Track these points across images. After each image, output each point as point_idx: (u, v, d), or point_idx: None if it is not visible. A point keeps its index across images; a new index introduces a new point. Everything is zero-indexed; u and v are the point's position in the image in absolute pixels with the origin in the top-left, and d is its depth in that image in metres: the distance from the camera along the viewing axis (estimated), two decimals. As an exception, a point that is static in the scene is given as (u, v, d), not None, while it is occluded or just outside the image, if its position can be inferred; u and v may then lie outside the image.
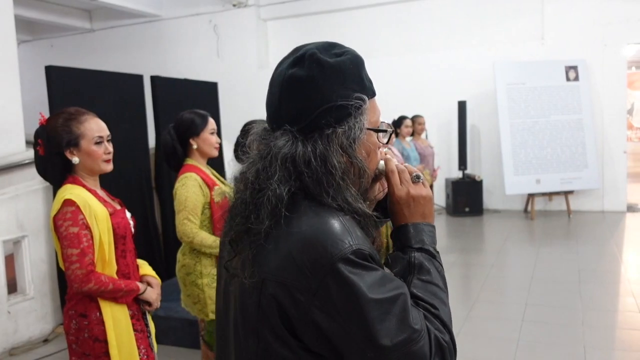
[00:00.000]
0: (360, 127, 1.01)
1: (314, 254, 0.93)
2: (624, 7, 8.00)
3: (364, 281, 0.92)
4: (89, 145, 2.06)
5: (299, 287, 0.93)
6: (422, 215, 1.10)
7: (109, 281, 2.00)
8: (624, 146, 8.39)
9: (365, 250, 0.95)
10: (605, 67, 8.18)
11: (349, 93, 1.00)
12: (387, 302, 0.93)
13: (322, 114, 0.99)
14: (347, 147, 1.00)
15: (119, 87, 4.69)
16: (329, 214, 0.97)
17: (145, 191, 4.87)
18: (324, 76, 0.99)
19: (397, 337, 0.92)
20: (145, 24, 10.27)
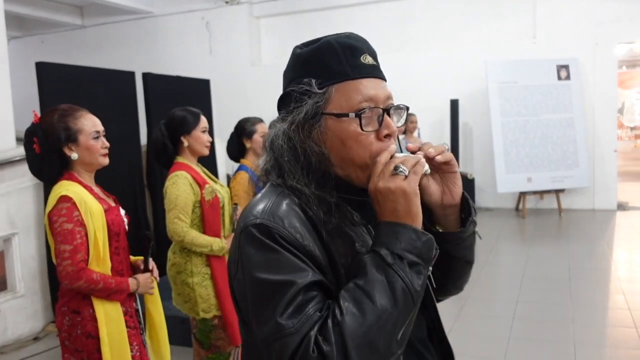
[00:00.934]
0: (305, 110, 1.01)
1: (237, 227, 1.01)
2: (616, 6, 8.05)
3: (254, 256, 0.92)
4: (87, 140, 2.06)
5: (232, 258, 1.01)
6: (393, 212, 0.95)
7: (100, 279, 2.00)
8: (615, 145, 8.45)
9: (271, 226, 0.93)
10: (596, 66, 8.23)
11: (301, 80, 1.03)
12: (270, 286, 0.90)
13: (278, 102, 1.08)
14: (289, 132, 1.02)
15: (110, 84, 4.66)
16: (268, 191, 1.03)
17: (137, 189, 4.85)
18: (289, 67, 1.08)
19: (265, 325, 0.89)
20: (138, 21, 10.22)
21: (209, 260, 2.65)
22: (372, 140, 1.01)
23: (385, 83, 1.07)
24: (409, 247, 0.92)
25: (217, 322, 2.68)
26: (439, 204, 1.08)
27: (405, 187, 0.94)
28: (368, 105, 1.01)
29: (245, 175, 3.16)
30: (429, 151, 1.02)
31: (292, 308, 0.88)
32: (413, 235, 0.94)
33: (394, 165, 0.96)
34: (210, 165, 5.27)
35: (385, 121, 1.02)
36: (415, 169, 0.97)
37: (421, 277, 0.93)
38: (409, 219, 0.94)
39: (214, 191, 2.67)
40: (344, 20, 9.31)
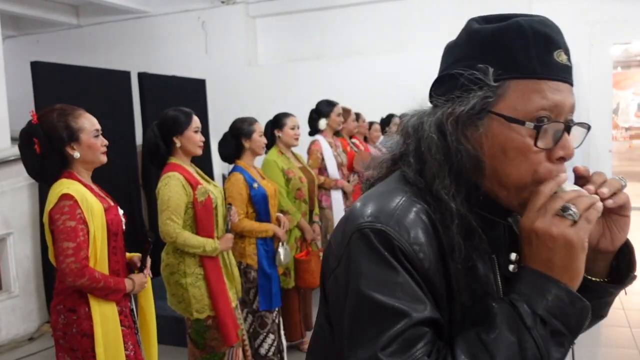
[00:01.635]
0: (471, 104, 0.82)
1: (349, 220, 0.83)
2: (611, 7, 8.08)
3: (366, 267, 0.77)
4: (89, 138, 2.08)
5: (334, 254, 0.86)
6: (547, 263, 0.76)
7: (101, 278, 2.01)
8: (610, 145, 8.49)
9: (394, 237, 0.77)
10: (591, 66, 8.25)
11: (473, 63, 0.83)
12: (378, 309, 0.74)
13: (435, 83, 0.89)
14: (445, 124, 0.83)
15: (106, 84, 4.66)
16: (396, 186, 0.85)
17: (132, 188, 4.85)
18: (459, 43, 0.88)
19: (361, 351, 0.75)
20: (133, 20, 10.20)
21: (202, 261, 2.65)
22: (542, 160, 0.81)
23: (573, 90, 0.86)
24: (557, 311, 0.74)
25: (211, 322, 2.68)
26: (592, 247, 0.84)
27: (572, 237, 0.75)
28: (548, 114, 0.81)
29: (240, 176, 3.16)
30: (602, 191, 0.81)
31: (398, 344, 0.73)
32: (566, 298, 0.75)
33: (561, 203, 0.77)
34: (206, 166, 5.28)
35: (563, 140, 0.82)
36: (589, 215, 0.76)
37: (561, 351, 0.75)
38: (566, 276, 0.75)
39: (207, 192, 2.66)
40: (340, 20, 9.32)
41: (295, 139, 3.74)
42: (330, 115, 4.30)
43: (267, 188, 3.24)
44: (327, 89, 7.66)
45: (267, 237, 3.23)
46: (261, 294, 3.23)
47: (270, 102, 8.33)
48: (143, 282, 2.20)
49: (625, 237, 0.86)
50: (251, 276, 3.21)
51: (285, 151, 3.74)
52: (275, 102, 8.07)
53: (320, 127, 4.29)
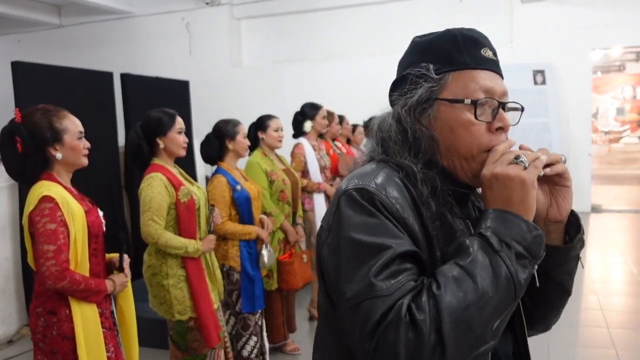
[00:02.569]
0: (419, 93, 1.00)
1: (336, 195, 0.99)
2: (590, 13, 8.21)
3: (352, 218, 0.91)
4: (72, 140, 2.07)
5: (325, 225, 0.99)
6: (506, 201, 0.90)
7: (82, 280, 2.00)
8: (589, 149, 8.62)
9: (373, 192, 0.92)
10: (571, 71, 8.38)
11: (418, 64, 1.03)
12: (366, 247, 0.88)
13: (391, 86, 1.08)
14: (401, 113, 1.02)
15: (88, 84, 4.62)
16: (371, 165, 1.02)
17: (115, 190, 4.81)
18: (405, 55, 1.09)
19: (356, 283, 0.87)
20: (117, 21, 10.13)
21: (184, 262, 2.65)
22: (483, 132, 0.99)
23: (503, 80, 1.05)
24: (519, 237, 0.88)
25: (193, 324, 2.68)
26: (542, 217, 1.00)
27: (525, 177, 0.90)
28: (484, 96, 0.99)
29: (223, 179, 3.16)
30: (542, 158, 0.95)
31: (387, 273, 0.86)
32: (524, 226, 0.89)
33: (514, 154, 0.92)
34: (189, 167, 5.26)
35: (500, 114, 1.00)
36: (536, 163, 0.92)
37: (526, 272, 0.87)
38: (522, 209, 0.90)
39: (190, 193, 2.66)
40: (325, 23, 9.35)
41: (279, 141, 3.74)
42: (315, 118, 4.32)
43: (250, 190, 3.24)
44: (311, 91, 7.68)
45: (250, 239, 3.23)
46: (244, 296, 3.23)
47: (254, 104, 8.33)
48: (124, 281, 2.19)
49: (570, 207, 1.01)
50: (234, 278, 3.21)
51: (269, 153, 3.74)
52: (259, 103, 8.07)
53: (305, 130, 4.30)
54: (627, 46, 10.62)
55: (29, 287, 4.12)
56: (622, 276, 5.46)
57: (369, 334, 0.83)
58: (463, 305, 0.82)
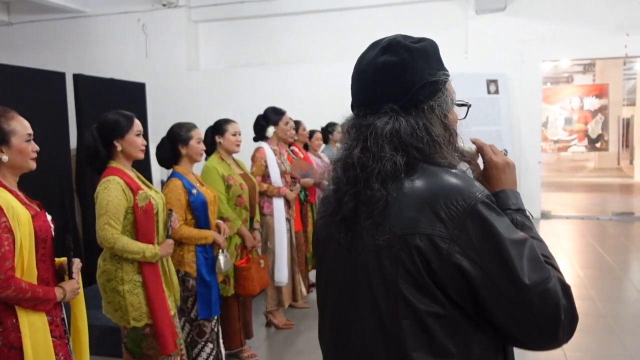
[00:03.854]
0: (451, 98, 1.16)
1: (452, 201, 1.03)
2: (541, 25, 8.52)
3: (500, 222, 1.03)
4: (20, 142, 1.99)
5: (440, 234, 1.01)
6: (514, 182, 1.23)
7: (28, 288, 1.91)
8: (539, 157, 8.91)
9: (491, 197, 1.07)
10: (523, 81, 8.66)
11: (435, 71, 1.14)
12: (520, 243, 1.02)
13: (417, 91, 1.12)
14: (442, 117, 1.13)
15: (38, 85, 4.47)
16: (446, 170, 1.09)
17: (66, 194, 4.66)
18: (414, 58, 1.13)
19: (533, 275, 1.00)
20: (69, 20, 9.86)
21: (140, 268, 2.59)
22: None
23: None
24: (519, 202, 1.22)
25: (149, 330, 2.62)
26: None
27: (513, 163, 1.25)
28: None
29: (178, 182, 3.12)
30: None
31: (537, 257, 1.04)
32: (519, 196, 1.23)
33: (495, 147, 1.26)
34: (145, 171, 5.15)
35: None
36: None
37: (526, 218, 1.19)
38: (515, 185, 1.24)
39: (148, 197, 2.61)
40: (284, 28, 9.36)
41: (237, 145, 3.71)
42: (278, 124, 4.31)
43: (206, 194, 3.20)
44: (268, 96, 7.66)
45: (207, 244, 3.19)
46: (200, 302, 3.18)
47: (212, 108, 8.25)
48: (75, 288, 2.12)
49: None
50: (190, 284, 3.16)
51: (226, 157, 3.71)
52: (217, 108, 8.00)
53: (267, 135, 4.29)
54: (574, 59, 11.06)
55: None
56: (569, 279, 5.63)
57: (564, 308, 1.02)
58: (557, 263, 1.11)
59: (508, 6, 8.56)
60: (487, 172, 1.24)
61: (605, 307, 4.79)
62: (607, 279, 5.67)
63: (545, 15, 8.47)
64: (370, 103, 1.14)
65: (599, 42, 8.39)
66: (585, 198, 11.72)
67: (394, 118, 1.10)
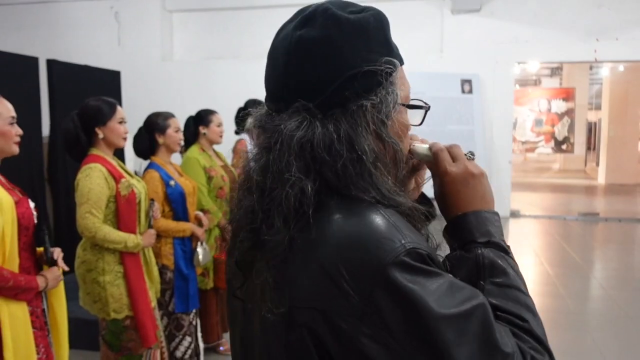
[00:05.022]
0: (394, 99, 0.79)
1: (356, 263, 0.70)
2: (514, 28, 8.66)
3: (428, 291, 0.69)
4: (3, 125, 1.92)
5: (339, 311, 0.70)
6: (483, 199, 0.85)
7: (10, 277, 1.85)
8: (510, 157, 9.08)
9: (422, 249, 0.72)
10: (495, 82, 8.80)
11: (375, 57, 0.78)
12: (463, 318, 0.69)
13: (344, 83, 0.77)
14: (379, 125, 0.78)
15: (9, 69, 4.32)
16: (366, 209, 0.74)
17: (36, 182, 4.53)
18: (344, 36, 0.78)
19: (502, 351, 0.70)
20: (41, 4, 9.56)
21: (122, 258, 2.53)
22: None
23: None
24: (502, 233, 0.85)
25: (129, 322, 2.56)
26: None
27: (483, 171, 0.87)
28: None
29: (155, 174, 3.06)
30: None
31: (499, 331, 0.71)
32: (500, 221, 0.86)
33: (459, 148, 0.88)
34: (119, 161, 5.05)
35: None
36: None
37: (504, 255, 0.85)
38: (493, 204, 0.87)
39: (130, 186, 2.55)
40: (259, 21, 9.27)
41: (220, 137, 3.68)
42: None
43: (184, 186, 3.15)
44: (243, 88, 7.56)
45: (185, 236, 3.14)
46: (177, 295, 3.13)
47: (186, 99, 8.13)
48: (57, 275, 2.06)
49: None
50: (167, 277, 3.11)
51: (207, 149, 3.66)
52: (191, 99, 7.89)
53: (248, 126, 4.24)
54: (546, 62, 11.29)
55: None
56: (538, 277, 5.77)
57: None
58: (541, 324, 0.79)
59: (483, 7, 8.67)
60: (443, 189, 0.86)
61: (574, 304, 4.91)
62: (574, 277, 5.81)
63: (518, 18, 8.61)
64: (279, 97, 0.81)
65: (569, 46, 8.59)
66: (551, 198, 12.00)
67: (306, 122, 0.76)
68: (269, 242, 0.75)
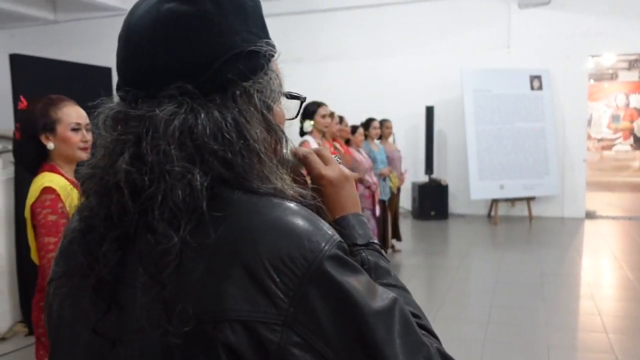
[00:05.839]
0: (277, 85, 0.74)
1: (285, 260, 0.61)
2: (586, 20, 8.27)
3: (358, 286, 0.63)
4: (64, 130, 2.01)
5: (265, 319, 0.60)
6: (356, 201, 0.84)
7: None
8: (584, 155, 8.66)
9: (344, 242, 0.68)
10: (567, 77, 8.43)
11: (254, 38, 0.72)
12: (387, 313, 0.64)
13: (226, 64, 0.68)
14: (264, 111, 0.71)
15: (86, 78, 4.57)
16: (273, 203, 0.66)
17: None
18: (221, 11, 0.69)
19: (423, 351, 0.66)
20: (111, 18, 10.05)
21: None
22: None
23: None
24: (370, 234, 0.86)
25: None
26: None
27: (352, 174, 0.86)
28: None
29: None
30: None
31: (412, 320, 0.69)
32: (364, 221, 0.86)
33: (327, 151, 0.86)
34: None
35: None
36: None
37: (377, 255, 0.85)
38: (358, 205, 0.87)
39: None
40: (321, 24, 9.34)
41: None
42: (314, 117, 4.30)
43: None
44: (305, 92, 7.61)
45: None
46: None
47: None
48: None
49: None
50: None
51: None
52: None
53: (305, 129, 4.27)
54: (622, 54, 10.71)
55: (24, 283, 4.05)
56: (618, 281, 5.46)
57: None
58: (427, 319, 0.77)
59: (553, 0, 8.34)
60: (318, 193, 0.79)
61: (657, 309, 4.61)
62: (658, 281, 5.46)
63: (591, 9, 8.22)
64: (145, 81, 0.68)
65: (648, 36, 8.11)
66: (631, 198, 11.34)
67: (186, 107, 0.66)
68: (152, 251, 0.62)
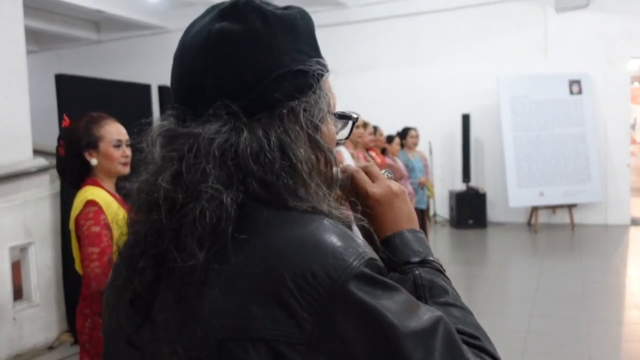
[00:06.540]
0: (326, 104, 0.73)
1: (308, 277, 0.60)
2: (626, 21, 8.06)
3: (390, 306, 0.61)
4: (107, 147, 2.12)
5: (288, 337, 0.59)
6: (409, 217, 0.80)
7: None
8: (628, 160, 8.41)
9: (378, 260, 0.65)
10: (608, 81, 8.23)
11: (304, 57, 0.71)
12: (427, 334, 0.61)
13: (273, 83, 0.67)
14: (313, 131, 0.69)
15: (127, 96, 4.74)
16: (310, 218, 0.65)
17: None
18: (271, 31, 0.69)
19: None
20: (152, 36, 10.37)
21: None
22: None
23: None
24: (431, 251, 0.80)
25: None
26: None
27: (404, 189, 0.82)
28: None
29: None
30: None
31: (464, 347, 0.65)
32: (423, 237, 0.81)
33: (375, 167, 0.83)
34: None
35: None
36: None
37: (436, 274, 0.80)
38: (417, 223, 0.82)
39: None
40: (357, 35, 9.39)
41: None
42: None
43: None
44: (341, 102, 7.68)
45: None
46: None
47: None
48: None
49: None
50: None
51: None
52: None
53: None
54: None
55: (69, 294, 4.21)
56: (666, 291, 5.28)
57: None
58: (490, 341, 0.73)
59: (591, 2, 8.17)
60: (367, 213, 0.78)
61: None
62: None
63: (632, 10, 8.01)
64: (194, 99, 0.69)
65: (693, 36, 7.84)
66: (680, 204, 10.92)
67: (230, 126, 0.65)
68: (179, 269, 0.62)
